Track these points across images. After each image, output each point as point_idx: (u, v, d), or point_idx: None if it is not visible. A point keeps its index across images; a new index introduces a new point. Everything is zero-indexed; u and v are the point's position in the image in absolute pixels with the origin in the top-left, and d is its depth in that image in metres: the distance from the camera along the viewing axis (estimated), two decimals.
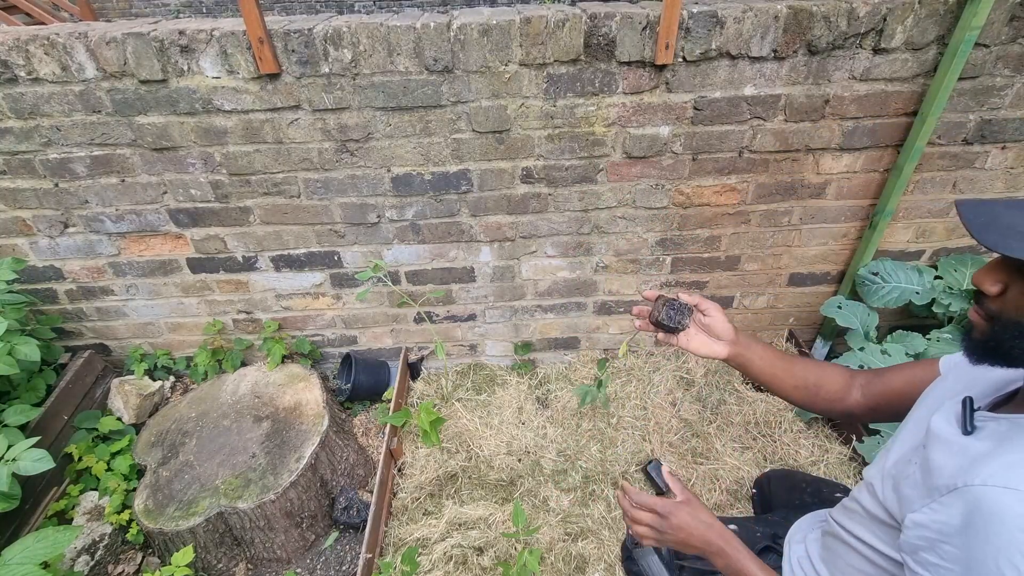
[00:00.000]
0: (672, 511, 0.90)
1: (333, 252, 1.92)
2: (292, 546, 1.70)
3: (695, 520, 0.89)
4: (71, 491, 1.77)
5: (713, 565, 0.89)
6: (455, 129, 1.66)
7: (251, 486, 1.62)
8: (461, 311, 2.11)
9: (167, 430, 1.85)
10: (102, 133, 1.63)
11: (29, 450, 1.42)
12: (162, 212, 1.80)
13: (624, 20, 1.48)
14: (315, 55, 1.51)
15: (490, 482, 1.81)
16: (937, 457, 0.71)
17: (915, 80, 1.61)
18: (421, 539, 1.65)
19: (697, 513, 0.90)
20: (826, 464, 1.78)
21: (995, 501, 0.60)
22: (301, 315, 2.09)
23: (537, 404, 2.09)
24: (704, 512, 0.90)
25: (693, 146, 1.71)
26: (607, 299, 2.08)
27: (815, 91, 1.62)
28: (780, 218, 1.89)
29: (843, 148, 1.73)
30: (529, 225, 1.87)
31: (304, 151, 1.68)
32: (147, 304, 2.01)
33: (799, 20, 1.49)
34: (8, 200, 1.75)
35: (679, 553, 1.33)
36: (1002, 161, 1.79)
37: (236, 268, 1.94)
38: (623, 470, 1.81)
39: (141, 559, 1.73)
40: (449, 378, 2.18)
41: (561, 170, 1.75)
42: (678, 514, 0.90)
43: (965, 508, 0.63)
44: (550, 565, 1.58)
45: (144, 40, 1.47)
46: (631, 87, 1.59)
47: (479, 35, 1.49)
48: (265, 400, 1.92)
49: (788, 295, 2.12)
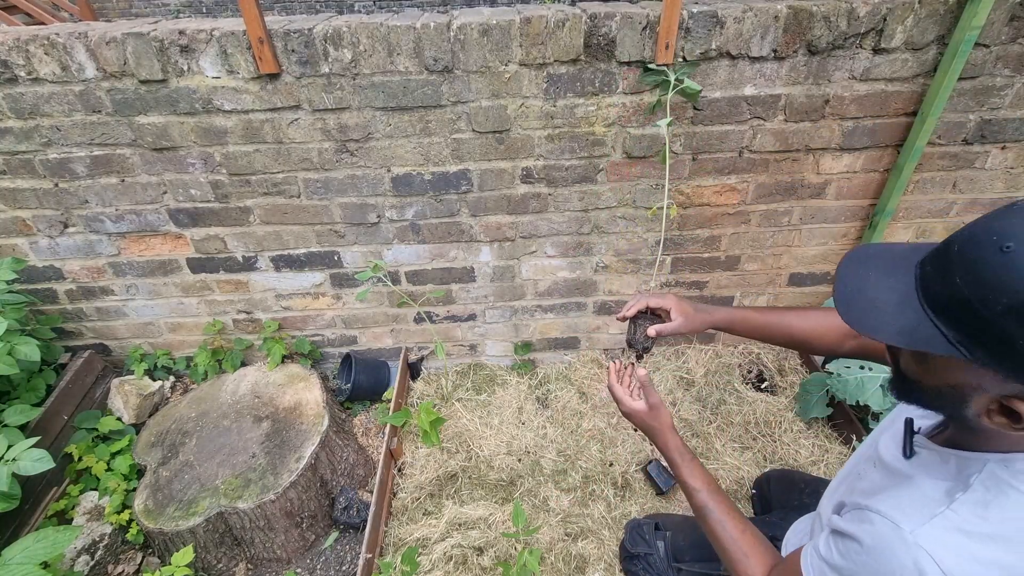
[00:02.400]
0: (627, 407, 1.10)
1: (333, 252, 1.92)
2: (292, 546, 1.70)
3: (640, 418, 1.09)
4: (71, 491, 1.77)
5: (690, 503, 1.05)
6: (455, 129, 1.66)
7: (251, 486, 1.62)
8: (461, 311, 2.11)
9: (167, 430, 1.85)
10: (102, 133, 1.63)
11: (29, 450, 1.42)
12: (162, 212, 1.80)
13: (624, 20, 1.48)
14: (315, 55, 1.51)
15: (490, 482, 1.81)
16: (875, 474, 0.81)
17: (915, 80, 1.61)
18: (421, 539, 1.65)
19: (646, 416, 1.09)
20: (826, 464, 1.78)
21: (886, 536, 0.67)
22: (301, 315, 2.09)
23: (537, 404, 2.09)
24: (656, 414, 1.08)
25: (693, 146, 1.71)
26: (607, 299, 2.08)
27: (815, 91, 1.62)
28: (780, 218, 1.89)
29: (843, 148, 1.73)
30: (529, 225, 1.87)
31: (304, 151, 1.68)
32: (147, 304, 2.01)
33: (799, 20, 1.49)
34: (8, 200, 1.75)
35: (677, 555, 1.34)
36: (1002, 161, 1.79)
37: (236, 268, 1.94)
38: (623, 470, 1.81)
39: (141, 559, 1.73)
40: (449, 378, 2.18)
41: (561, 170, 1.75)
42: (629, 409, 1.10)
43: (869, 529, 0.70)
44: (550, 565, 1.58)
45: (144, 40, 1.47)
46: (631, 87, 1.59)
47: (479, 35, 1.49)
48: (265, 400, 1.92)
49: (788, 295, 2.12)
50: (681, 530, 1.41)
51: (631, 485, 1.79)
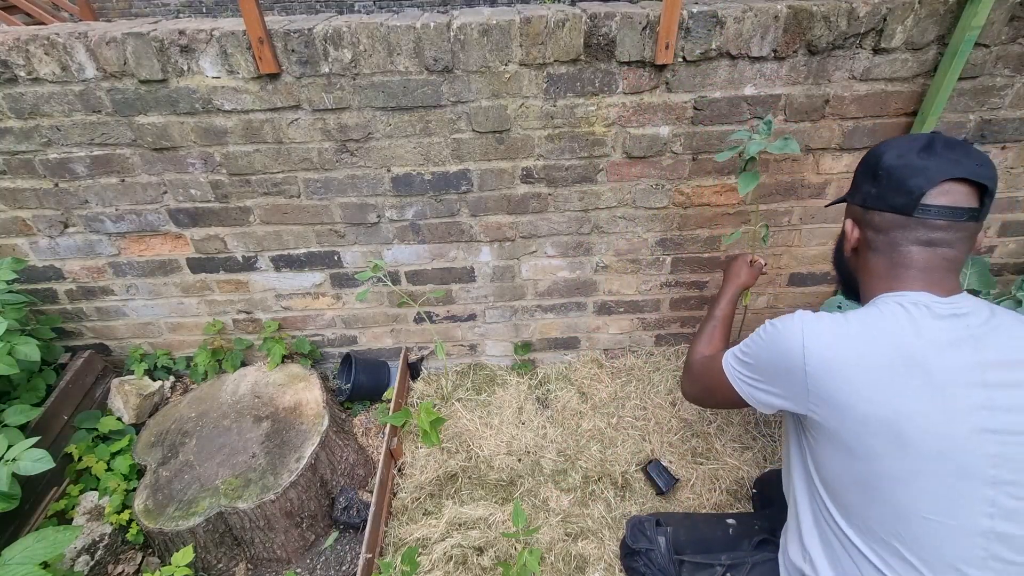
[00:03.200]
0: (739, 259, 1.53)
1: (333, 252, 1.92)
2: (292, 546, 1.70)
3: (738, 266, 1.51)
4: (71, 491, 1.77)
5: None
6: (455, 129, 1.66)
7: (251, 486, 1.62)
8: (461, 311, 2.11)
9: (167, 430, 1.85)
10: (102, 133, 1.63)
11: (29, 450, 1.42)
12: (162, 212, 1.80)
13: (624, 20, 1.48)
14: (315, 55, 1.51)
15: (490, 482, 1.81)
16: None
17: (915, 80, 1.61)
18: (421, 539, 1.65)
19: (742, 269, 1.50)
20: None
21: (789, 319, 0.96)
22: (301, 315, 2.09)
23: (537, 404, 2.09)
24: (751, 273, 1.50)
25: (693, 146, 1.71)
26: (607, 299, 2.08)
27: (815, 91, 1.62)
28: (780, 218, 1.89)
29: (843, 148, 1.73)
30: (529, 225, 1.87)
31: (304, 151, 1.68)
32: (147, 304, 2.01)
33: (799, 20, 1.49)
34: (8, 200, 1.75)
35: (678, 547, 1.35)
36: (1002, 161, 1.79)
37: (236, 268, 1.94)
38: (623, 470, 1.81)
39: (141, 559, 1.73)
40: (449, 378, 2.18)
41: (561, 170, 1.75)
42: (740, 260, 1.53)
43: (781, 320, 0.98)
44: (550, 565, 1.58)
45: (144, 40, 1.47)
46: (631, 87, 1.59)
47: (479, 35, 1.49)
48: (265, 400, 1.92)
49: (788, 295, 2.12)
50: (682, 525, 1.42)
51: (631, 485, 1.79)
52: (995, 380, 0.80)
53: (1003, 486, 0.78)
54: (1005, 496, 0.78)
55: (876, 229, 0.94)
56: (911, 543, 0.82)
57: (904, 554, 0.83)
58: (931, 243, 0.89)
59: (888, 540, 0.84)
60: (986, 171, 0.86)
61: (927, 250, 0.89)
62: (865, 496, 0.86)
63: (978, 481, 0.79)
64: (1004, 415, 0.79)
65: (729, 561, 1.22)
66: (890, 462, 0.82)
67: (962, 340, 0.83)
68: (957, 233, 0.87)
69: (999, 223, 1.95)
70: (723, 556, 1.24)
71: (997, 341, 0.83)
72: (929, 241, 0.89)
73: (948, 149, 0.88)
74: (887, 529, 0.84)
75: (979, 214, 0.87)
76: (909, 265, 0.90)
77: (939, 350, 0.82)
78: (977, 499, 0.79)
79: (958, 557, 0.80)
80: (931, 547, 0.81)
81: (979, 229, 0.90)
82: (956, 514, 0.79)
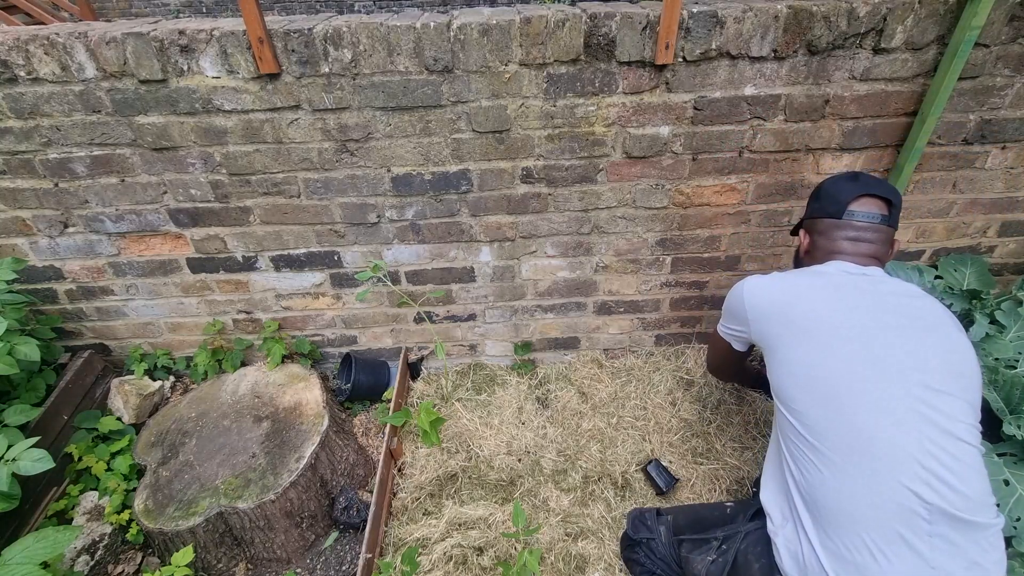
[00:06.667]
0: None
1: (333, 252, 1.92)
2: (292, 546, 1.70)
3: None
4: (71, 491, 1.77)
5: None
6: (455, 129, 1.66)
7: (251, 486, 1.62)
8: (461, 311, 2.11)
9: (167, 430, 1.85)
10: (102, 133, 1.63)
11: (29, 450, 1.42)
12: (162, 212, 1.80)
13: (624, 20, 1.48)
14: (315, 55, 1.51)
15: (490, 482, 1.81)
16: None
17: (915, 80, 1.61)
18: (421, 539, 1.65)
19: None
20: None
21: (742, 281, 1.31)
22: (301, 315, 2.09)
23: (537, 404, 2.09)
24: None
25: (693, 146, 1.71)
26: (607, 299, 2.08)
27: (815, 91, 1.62)
28: (780, 218, 1.89)
29: (843, 148, 1.73)
30: (529, 225, 1.87)
31: (304, 151, 1.68)
32: (147, 304, 2.01)
33: (799, 20, 1.49)
34: (8, 200, 1.75)
35: (678, 531, 1.37)
36: (1002, 161, 1.79)
37: (236, 268, 1.94)
38: (623, 470, 1.81)
39: (141, 559, 1.73)
40: (449, 378, 2.18)
41: (561, 170, 1.75)
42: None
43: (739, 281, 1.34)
44: (550, 565, 1.58)
45: (144, 40, 1.47)
46: (631, 87, 1.59)
47: (479, 35, 1.49)
48: (265, 400, 1.92)
49: None
50: (682, 512, 1.45)
51: (631, 485, 1.79)
52: (887, 290, 1.12)
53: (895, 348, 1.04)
54: (902, 353, 1.03)
55: (819, 232, 1.28)
56: (849, 410, 1.01)
57: (841, 430, 1.02)
58: (856, 239, 1.21)
59: (830, 412, 1.04)
60: (892, 191, 1.21)
61: (852, 243, 1.21)
62: (809, 389, 1.07)
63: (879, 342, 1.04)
64: (890, 316, 1.07)
65: (723, 534, 1.27)
66: (808, 344, 1.09)
67: (863, 276, 1.16)
68: (875, 233, 1.20)
69: (999, 223, 1.95)
70: (718, 531, 1.29)
71: (892, 282, 1.15)
72: (855, 237, 1.21)
73: (867, 178, 1.24)
74: (830, 404, 1.04)
75: (890, 219, 1.20)
76: (840, 252, 1.22)
77: (844, 275, 1.17)
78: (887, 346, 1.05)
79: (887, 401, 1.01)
80: (867, 404, 1.00)
81: (893, 232, 1.23)
82: (877, 365, 1.02)
